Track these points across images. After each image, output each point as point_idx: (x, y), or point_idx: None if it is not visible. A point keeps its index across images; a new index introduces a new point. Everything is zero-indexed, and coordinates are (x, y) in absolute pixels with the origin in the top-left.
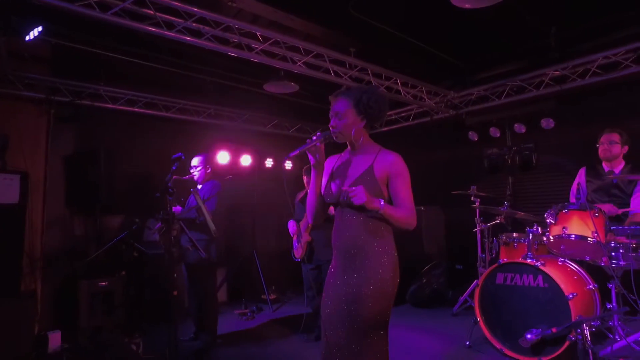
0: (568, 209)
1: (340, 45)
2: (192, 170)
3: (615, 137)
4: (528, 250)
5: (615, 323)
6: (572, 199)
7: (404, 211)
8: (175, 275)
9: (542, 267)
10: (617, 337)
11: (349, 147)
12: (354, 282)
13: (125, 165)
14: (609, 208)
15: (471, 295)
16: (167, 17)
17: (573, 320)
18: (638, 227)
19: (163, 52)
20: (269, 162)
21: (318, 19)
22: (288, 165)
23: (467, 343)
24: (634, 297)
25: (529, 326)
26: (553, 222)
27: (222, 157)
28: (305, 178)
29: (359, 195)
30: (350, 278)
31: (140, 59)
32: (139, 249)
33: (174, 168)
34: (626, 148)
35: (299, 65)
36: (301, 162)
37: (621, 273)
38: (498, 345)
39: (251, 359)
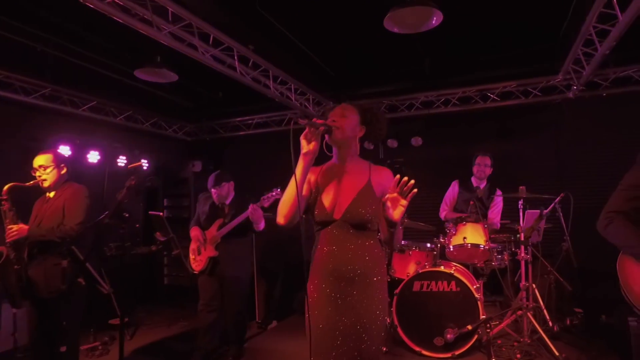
0: (466, 221)
1: (241, 39)
2: (37, 174)
3: (488, 161)
4: (436, 258)
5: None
6: (444, 207)
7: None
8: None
9: (455, 274)
10: None
11: (334, 159)
12: (358, 313)
13: None
14: None
15: None
16: None
17: (481, 317)
18: (507, 234)
19: None
20: (121, 161)
21: (225, 7)
22: (144, 164)
23: (384, 349)
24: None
25: (443, 327)
26: (454, 232)
27: (63, 152)
28: (214, 191)
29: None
30: (352, 309)
31: None
32: None
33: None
34: (492, 170)
35: (207, 57)
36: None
37: (489, 272)
38: (416, 348)
39: None
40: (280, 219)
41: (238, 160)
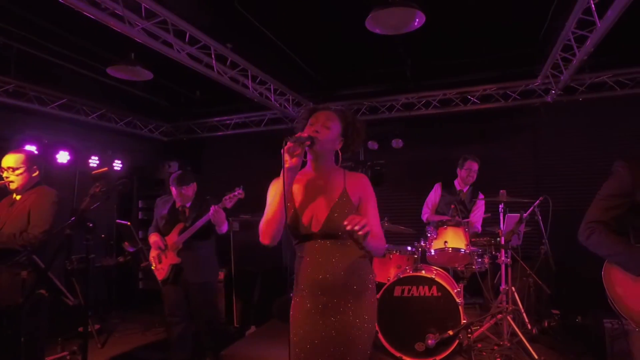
0: (447, 225)
1: (219, 37)
2: (5, 174)
3: (475, 166)
4: (417, 262)
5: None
6: (426, 209)
7: (380, 239)
8: None
9: (436, 278)
10: None
11: (308, 167)
12: (344, 324)
13: None
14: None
15: None
16: None
17: (462, 322)
18: (487, 238)
19: None
20: (93, 161)
21: (202, 3)
22: (117, 165)
23: None
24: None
25: (424, 332)
26: (435, 236)
27: (36, 153)
28: (182, 191)
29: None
30: (338, 321)
31: None
32: None
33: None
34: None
35: (184, 55)
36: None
37: (469, 275)
38: (397, 353)
39: None
40: (266, 239)
41: (216, 161)
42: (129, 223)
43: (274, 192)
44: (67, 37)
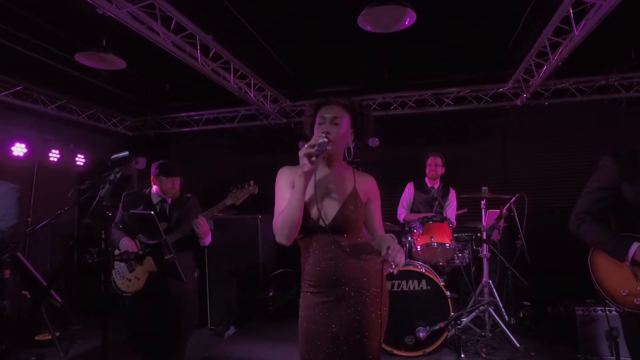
0: (432, 221)
1: (203, 27)
2: None
3: (439, 160)
4: (405, 258)
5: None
6: (401, 209)
7: None
8: None
9: (426, 272)
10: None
11: (320, 164)
12: (360, 314)
13: None
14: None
15: None
16: None
17: (452, 314)
18: (467, 234)
19: None
20: (53, 155)
21: None
22: (80, 160)
23: None
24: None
25: (414, 325)
26: (421, 232)
27: None
28: (161, 179)
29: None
30: (353, 311)
31: None
32: None
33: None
34: (444, 169)
35: (168, 42)
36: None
37: (450, 270)
38: (387, 348)
39: None
40: (284, 240)
41: (186, 158)
42: (152, 213)
43: (284, 183)
44: (25, 17)
